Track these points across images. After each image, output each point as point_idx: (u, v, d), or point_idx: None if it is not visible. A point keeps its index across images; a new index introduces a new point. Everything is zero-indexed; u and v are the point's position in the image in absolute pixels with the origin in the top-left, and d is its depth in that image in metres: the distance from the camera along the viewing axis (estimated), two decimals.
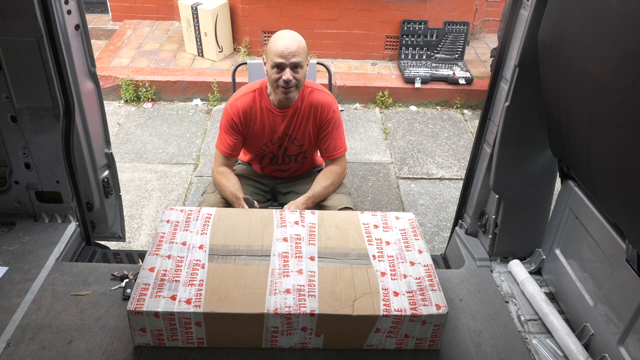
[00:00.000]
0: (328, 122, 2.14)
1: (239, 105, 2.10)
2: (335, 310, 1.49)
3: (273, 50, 1.96)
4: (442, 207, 3.35)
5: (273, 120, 2.12)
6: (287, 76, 1.96)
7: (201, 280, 1.56)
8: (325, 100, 2.13)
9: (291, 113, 2.11)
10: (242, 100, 2.11)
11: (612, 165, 1.38)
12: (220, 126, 2.16)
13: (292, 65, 1.96)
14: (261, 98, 2.11)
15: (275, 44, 1.97)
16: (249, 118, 2.11)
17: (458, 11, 5.09)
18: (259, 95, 2.11)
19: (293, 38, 1.98)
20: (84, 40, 1.91)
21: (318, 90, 2.15)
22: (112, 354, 1.55)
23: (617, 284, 1.58)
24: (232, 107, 2.11)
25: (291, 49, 1.95)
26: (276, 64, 1.96)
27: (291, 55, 1.95)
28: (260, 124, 2.12)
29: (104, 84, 4.33)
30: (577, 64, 1.41)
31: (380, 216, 1.90)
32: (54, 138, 1.93)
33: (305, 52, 2.01)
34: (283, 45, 1.95)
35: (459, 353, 1.63)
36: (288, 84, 1.98)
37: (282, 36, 1.99)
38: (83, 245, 2.18)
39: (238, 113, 2.10)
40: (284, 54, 1.95)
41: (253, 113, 2.10)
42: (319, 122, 2.14)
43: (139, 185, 3.42)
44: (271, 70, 1.99)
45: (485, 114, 2.02)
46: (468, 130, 4.27)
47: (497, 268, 2.09)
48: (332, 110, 2.14)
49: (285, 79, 1.96)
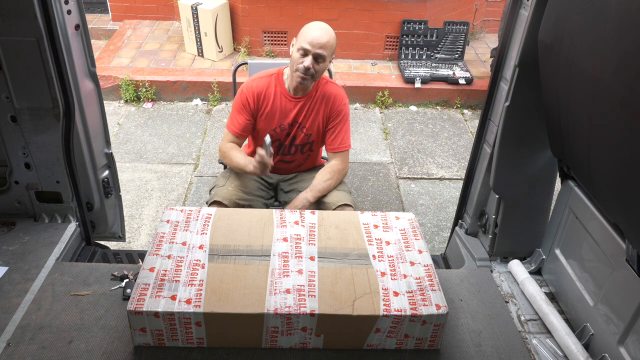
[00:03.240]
0: (338, 114, 2.20)
1: (254, 86, 2.16)
2: (335, 310, 1.49)
3: (304, 36, 2.02)
4: (442, 207, 3.35)
5: (285, 106, 2.17)
6: (308, 63, 2.01)
7: (201, 280, 1.56)
8: (338, 92, 2.20)
9: (304, 100, 2.17)
10: (258, 82, 2.17)
11: (612, 165, 1.38)
12: (233, 106, 2.21)
13: (316, 56, 2.02)
14: (277, 82, 2.17)
15: (309, 30, 2.03)
16: (262, 100, 2.16)
17: (458, 11, 5.09)
18: (275, 80, 2.17)
19: (326, 32, 2.04)
20: (84, 40, 1.91)
21: (332, 83, 2.23)
22: (112, 354, 1.55)
23: (617, 284, 1.58)
24: (248, 87, 2.16)
25: (321, 41, 2.01)
26: (302, 49, 2.01)
27: (319, 46, 2.01)
28: (273, 108, 2.17)
29: (104, 84, 4.33)
30: (577, 64, 1.41)
31: (380, 216, 1.90)
32: (54, 138, 1.93)
33: (332, 49, 2.07)
34: (315, 34, 2.01)
35: (459, 353, 1.63)
36: (307, 71, 2.03)
37: (316, 26, 2.05)
38: (83, 245, 2.18)
39: (253, 93, 2.15)
40: (313, 42, 2.00)
41: (267, 95, 2.16)
42: (329, 112, 2.20)
43: (139, 185, 3.42)
44: (296, 53, 2.04)
45: (485, 114, 2.02)
46: (468, 130, 4.27)
47: (497, 268, 2.09)
48: (343, 102, 2.21)
49: (306, 66, 2.02)
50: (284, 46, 4.90)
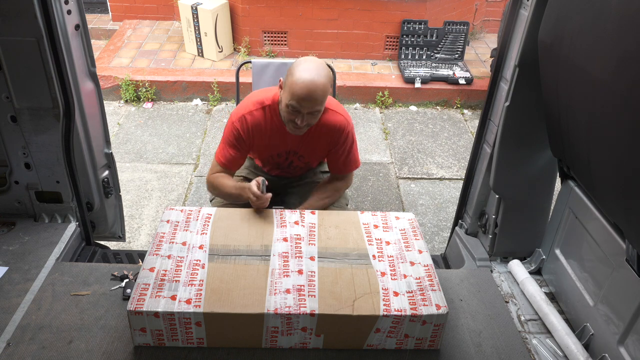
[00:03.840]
0: (342, 144, 2.01)
1: (248, 121, 1.94)
2: (335, 310, 1.49)
3: (294, 89, 1.74)
4: (442, 207, 3.35)
5: (281, 138, 1.99)
6: (301, 122, 1.80)
7: (201, 280, 1.56)
8: (339, 122, 1.96)
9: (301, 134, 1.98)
10: (252, 116, 1.94)
11: (612, 165, 1.38)
12: (224, 137, 2.01)
13: (308, 112, 1.79)
14: (272, 115, 1.95)
15: (298, 82, 1.73)
16: (256, 134, 1.97)
17: (458, 11, 5.09)
18: (270, 112, 1.95)
19: (318, 82, 1.74)
20: (84, 40, 1.91)
21: (332, 110, 1.97)
22: (112, 354, 1.55)
23: (617, 284, 1.58)
24: (241, 121, 1.94)
25: (312, 97, 1.74)
26: (293, 105, 1.76)
27: (311, 104, 1.76)
28: (268, 141, 2.00)
29: (104, 84, 4.33)
30: (577, 64, 1.41)
31: (380, 216, 1.90)
32: (54, 138, 1.93)
33: (326, 95, 1.82)
34: (306, 91, 1.73)
35: (459, 353, 1.63)
36: (298, 128, 1.84)
37: (306, 74, 1.74)
38: (83, 245, 2.18)
39: (247, 129, 1.94)
40: (304, 103, 1.75)
41: (262, 130, 1.96)
42: (331, 144, 2.02)
43: (139, 185, 3.42)
44: (285, 107, 1.80)
45: (485, 114, 2.02)
46: (468, 130, 4.27)
47: (497, 268, 2.09)
48: (345, 132, 1.99)
49: (299, 124, 1.80)
50: (284, 46, 4.90)
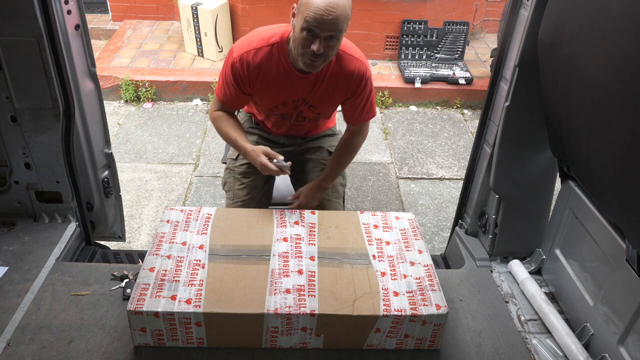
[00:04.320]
0: (360, 93, 1.82)
1: (250, 60, 1.72)
2: (335, 310, 1.49)
3: (310, 8, 1.54)
4: (442, 207, 3.35)
5: (289, 82, 1.77)
6: (318, 47, 1.57)
7: (201, 280, 1.56)
8: (357, 67, 1.78)
9: (313, 79, 1.77)
10: (256, 54, 1.73)
11: (612, 165, 1.38)
12: (222, 72, 1.79)
13: (328, 37, 1.58)
14: (280, 54, 1.73)
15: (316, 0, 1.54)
16: (260, 75, 1.75)
17: (458, 11, 5.09)
18: (278, 51, 1.73)
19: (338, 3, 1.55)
20: (84, 40, 1.91)
21: (348, 55, 1.79)
22: (112, 354, 1.55)
23: (617, 284, 1.58)
24: (242, 58, 1.73)
25: (332, 15, 1.53)
26: (309, 27, 1.55)
27: (330, 22, 1.54)
28: (275, 85, 1.77)
29: (104, 84, 4.33)
30: (577, 64, 1.41)
31: (380, 216, 1.90)
32: (54, 138, 1.93)
33: (348, 18, 1.60)
34: (325, 7, 1.52)
35: (459, 353, 1.63)
36: (316, 55, 1.61)
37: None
38: (83, 245, 2.17)
39: (248, 68, 1.73)
40: (323, 19, 1.53)
41: (267, 70, 1.74)
42: (349, 92, 1.82)
43: (139, 185, 3.42)
44: (300, 33, 1.59)
45: (485, 114, 2.02)
46: (468, 130, 4.27)
47: (497, 268, 2.09)
48: (365, 79, 1.80)
49: (315, 50, 1.58)
50: None
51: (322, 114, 1.96)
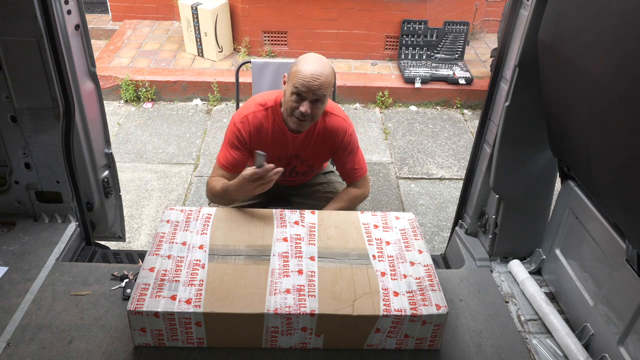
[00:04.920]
0: (344, 147, 2.03)
1: (249, 120, 1.95)
2: (335, 310, 1.49)
3: (299, 76, 1.79)
4: (442, 207, 3.35)
5: (283, 141, 1.99)
6: (305, 109, 1.80)
7: (201, 280, 1.56)
8: (340, 125, 2.00)
9: (303, 137, 1.99)
10: (254, 117, 1.95)
11: (612, 165, 1.38)
12: (225, 139, 2.00)
13: (314, 99, 1.81)
14: (274, 116, 1.96)
15: (303, 69, 1.79)
16: (258, 135, 1.96)
17: (458, 11, 5.09)
18: (272, 114, 1.96)
19: (322, 68, 1.80)
20: (84, 40, 1.91)
21: (332, 114, 2.01)
22: (112, 354, 1.55)
23: (617, 284, 1.58)
24: (243, 122, 1.95)
25: (318, 81, 1.78)
26: (297, 91, 1.80)
27: (315, 88, 1.78)
28: (271, 144, 1.98)
29: (104, 84, 4.33)
30: (577, 64, 1.41)
31: (380, 216, 1.90)
32: (54, 138, 1.93)
33: (331, 85, 1.84)
34: (310, 74, 1.77)
35: (459, 353, 1.63)
36: (304, 115, 1.83)
37: (310, 61, 1.81)
38: (83, 245, 2.18)
39: (249, 129, 1.95)
40: (310, 85, 1.77)
41: (264, 131, 1.97)
42: (335, 148, 2.04)
43: (139, 185, 3.42)
44: (289, 97, 1.83)
45: (485, 114, 2.02)
46: (468, 130, 4.27)
47: (497, 268, 2.09)
48: (348, 134, 2.02)
49: (303, 111, 1.81)
50: (284, 46, 4.90)
51: (314, 166, 2.15)
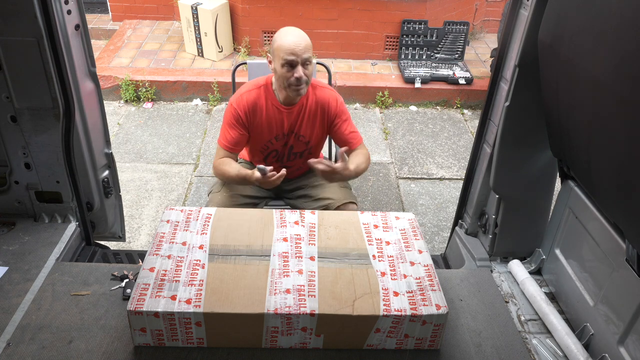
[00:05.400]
0: (339, 114, 2.15)
1: (244, 99, 2.08)
2: (335, 310, 1.49)
3: (283, 48, 1.93)
4: (442, 207, 3.35)
5: (278, 117, 2.11)
6: (300, 73, 1.94)
7: (201, 280, 1.56)
8: (330, 95, 2.15)
9: (297, 110, 2.11)
10: (248, 95, 2.09)
11: (612, 165, 1.38)
12: (224, 121, 2.14)
13: (304, 62, 1.95)
14: (267, 94, 2.10)
15: (284, 41, 1.94)
16: (254, 112, 2.09)
17: (458, 11, 5.09)
18: (265, 91, 2.10)
19: (300, 35, 1.96)
20: (84, 40, 1.91)
21: (320, 86, 2.16)
22: (112, 354, 1.55)
23: (617, 284, 1.58)
24: (238, 101, 2.09)
25: (301, 46, 1.93)
26: (287, 61, 1.93)
27: (302, 51, 1.93)
28: (266, 120, 2.11)
29: (104, 84, 4.33)
30: (577, 64, 1.41)
31: (380, 216, 1.90)
32: (54, 138, 1.93)
33: (311, 47, 2.00)
34: (293, 42, 1.93)
35: (459, 353, 1.63)
36: (300, 81, 1.96)
37: (288, 33, 1.97)
38: (83, 245, 2.18)
39: (244, 107, 2.08)
40: (295, 51, 1.92)
41: (259, 108, 2.09)
42: (329, 118, 2.15)
43: (139, 185, 3.42)
44: (281, 69, 1.96)
45: (485, 114, 2.02)
46: (468, 130, 4.27)
47: (497, 268, 2.09)
48: (339, 102, 2.16)
49: (298, 77, 1.94)
50: None
51: (310, 143, 2.21)
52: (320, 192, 2.23)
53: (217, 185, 2.25)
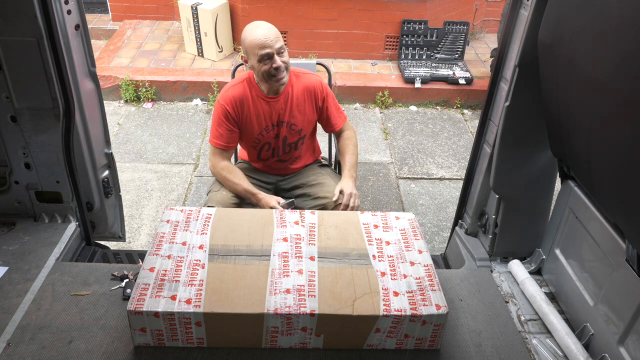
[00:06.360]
0: (327, 95, 2.20)
1: (230, 94, 2.11)
2: (335, 310, 1.49)
3: (255, 44, 1.97)
4: (442, 207, 3.35)
5: (265, 108, 2.13)
6: (278, 63, 1.98)
7: (201, 280, 1.56)
8: (315, 79, 2.19)
9: (283, 99, 2.13)
10: (234, 90, 2.12)
11: (612, 166, 1.38)
12: (213, 120, 2.15)
13: (278, 51, 1.98)
14: (251, 87, 2.12)
15: (254, 37, 1.97)
16: (241, 106, 2.12)
17: (458, 11, 5.09)
18: (249, 84, 2.12)
19: (267, 26, 2.00)
20: (84, 40, 1.91)
21: (303, 73, 2.20)
22: (112, 354, 1.55)
23: (617, 284, 1.58)
24: (224, 97, 2.11)
25: (271, 37, 1.96)
26: (263, 55, 1.96)
27: (274, 41, 1.96)
28: (254, 112, 2.13)
29: (104, 84, 4.33)
30: (577, 64, 1.41)
31: (380, 216, 1.90)
32: (54, 138, 1.93)
33: (280, 35, 2.03)
34: (263, 35, 1.96)
35: (459, 353, 1.63)
36: (279, 69, 1.99)
37: (255, 28, 2.00)
38: (83, 245, 2.18)
39: (231, 102, 2.10)
40: (267, 43, 1.95)
41: (245, 101, 2.11)
42: (317, 103, 2.19)
43: (139, 185, 3.42)
44: (259, 65, 1.99)
45: (485, 114, 2.02)
46: (468, 130, 4.27)
47: (497, 268, 2.09)
48: (324, 84, 2.21)
49: (277, 66, 1.98)
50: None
51: (303, 131, 2.22)
52: (319, 191, 2.23)
53: (216, 184, 2.25)
